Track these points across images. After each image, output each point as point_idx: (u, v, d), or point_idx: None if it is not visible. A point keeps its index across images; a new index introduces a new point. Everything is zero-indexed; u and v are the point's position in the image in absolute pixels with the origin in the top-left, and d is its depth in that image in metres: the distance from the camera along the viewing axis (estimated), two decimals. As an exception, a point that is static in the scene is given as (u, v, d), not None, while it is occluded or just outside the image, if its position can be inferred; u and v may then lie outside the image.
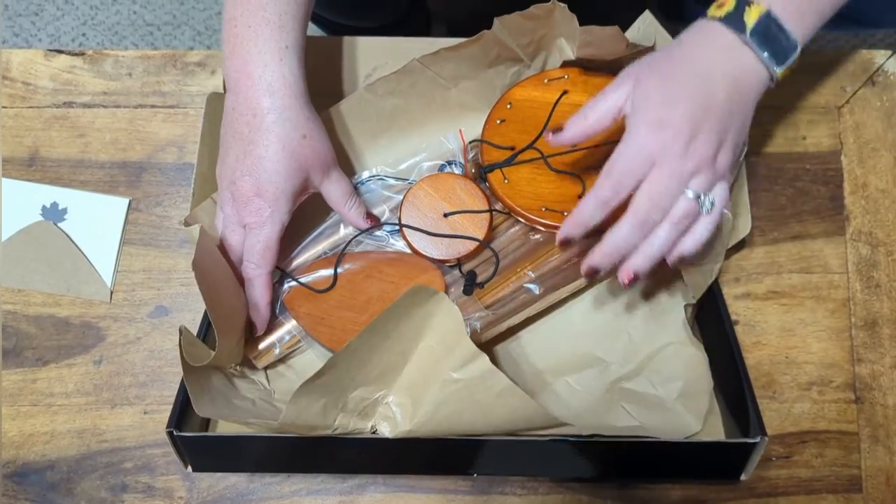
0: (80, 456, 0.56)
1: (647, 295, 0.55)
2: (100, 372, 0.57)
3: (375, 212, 0.56)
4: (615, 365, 0.54)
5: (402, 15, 0.92)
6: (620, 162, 0.43)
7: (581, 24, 0.51)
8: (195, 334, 0.50)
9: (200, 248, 0.46)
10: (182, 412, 0.47)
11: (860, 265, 0.58)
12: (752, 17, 0.43)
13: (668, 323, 0.54)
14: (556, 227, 0.52)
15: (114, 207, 0.59)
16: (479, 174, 0.55)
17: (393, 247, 0.56)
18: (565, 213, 0.52)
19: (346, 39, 0.60)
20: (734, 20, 0.43)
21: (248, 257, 0.50)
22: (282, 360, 0.55)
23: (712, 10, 0.45)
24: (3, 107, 0.61)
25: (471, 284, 0.53)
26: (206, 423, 0.53)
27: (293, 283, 0.53)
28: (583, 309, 0.56)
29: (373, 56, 0.60)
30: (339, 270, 0.53)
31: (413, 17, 0.98)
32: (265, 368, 0.54)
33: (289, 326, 0.54)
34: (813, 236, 0.58)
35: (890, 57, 0.60)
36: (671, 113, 0.42)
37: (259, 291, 0.51)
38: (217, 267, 0.49)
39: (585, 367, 0.54)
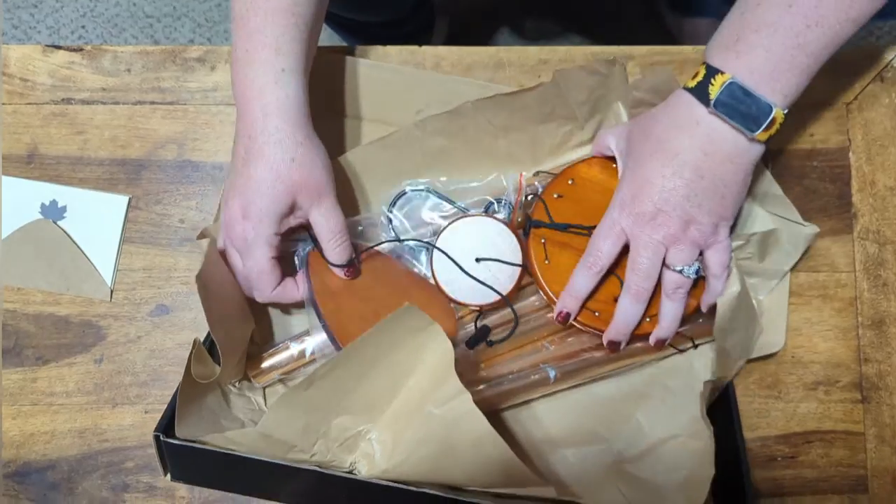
0: (81, 455, 0.55)
1: (664, 385, 0.54)
2: (100, 371, 0.57)
3: (417, 227, 0.55)
4: (618, 445, 0.52)
5: (408, 11, 0.91)
6: (596, 234, 0.50)
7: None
8: (202, 338, 0.50)
9: (207, 264, 0.45)
10: (173, 418, 0.44)
11: (867, 264, 0.57)
12: (715, 88, 0.45)
13: (681, 414, 0.52)
14: (587, 326, 0.52)
15: (113, 205, 0.59)
16: (525, 226, 0.54)
17: (418, 269, 0.55)
18: (597, 313, 0.52)
19: (404, 71, 0.58)
20: (701, 92, 0.46)
21: (252, 285, 0.49)
22: (281, 380, 0.54)
23: (688, 81, 0.47)
24: (2, 103, 0.61)
25: (478, 339, 0.52)
26: None
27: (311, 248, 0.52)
28: (595, 387, 0.54)
29: (427, 90, 0.58)
30: (367, 264, 0.53)
31: (418, 13, 0.97)
32: (264, 388, 0.54)
33: (292, 350, 0.53)
34: (820, 234, 0.57)
35: (899, 52, 0.59)
36: (637, 194, 0.48)
37: (287, 296, 0.51)
38: (224, 282, 0.48)
39: (586, 443, 0.53)
